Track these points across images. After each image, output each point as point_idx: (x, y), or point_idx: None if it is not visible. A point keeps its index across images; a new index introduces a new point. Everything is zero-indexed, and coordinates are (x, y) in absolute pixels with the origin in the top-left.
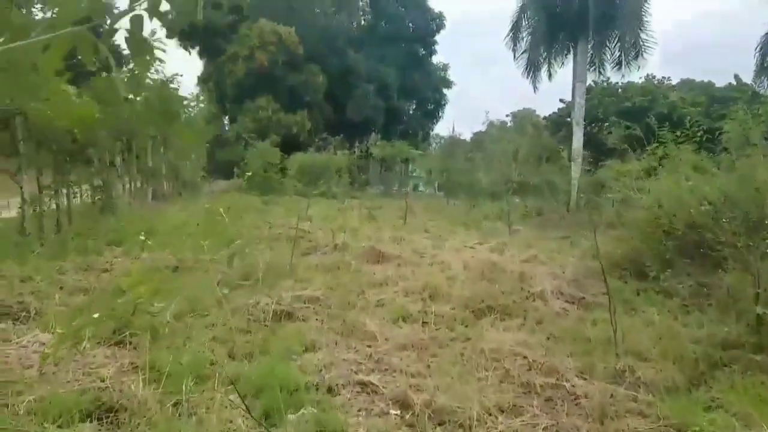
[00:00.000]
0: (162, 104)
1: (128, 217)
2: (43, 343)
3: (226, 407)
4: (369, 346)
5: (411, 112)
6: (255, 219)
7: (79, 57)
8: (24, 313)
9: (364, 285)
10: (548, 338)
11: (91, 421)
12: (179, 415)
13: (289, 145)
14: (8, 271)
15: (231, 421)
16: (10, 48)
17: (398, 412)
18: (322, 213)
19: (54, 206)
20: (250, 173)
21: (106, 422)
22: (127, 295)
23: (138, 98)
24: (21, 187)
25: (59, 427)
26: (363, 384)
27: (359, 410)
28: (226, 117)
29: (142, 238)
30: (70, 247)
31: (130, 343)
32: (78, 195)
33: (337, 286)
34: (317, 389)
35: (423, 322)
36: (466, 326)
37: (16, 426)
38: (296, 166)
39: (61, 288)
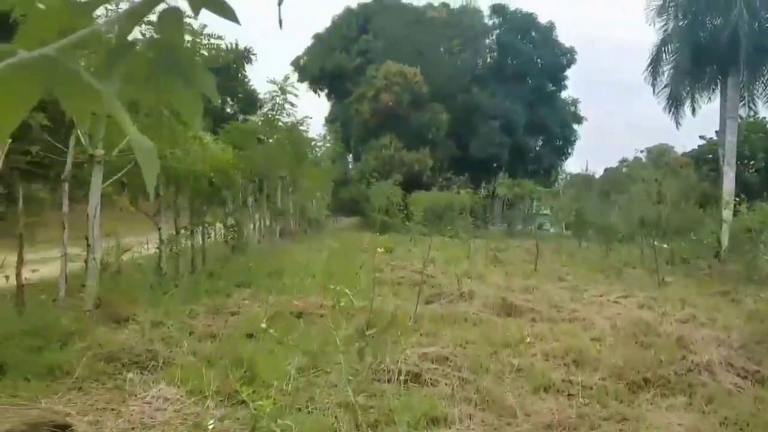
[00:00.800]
0: (292, 146)
1: (257, 256)
2: (168, 399)
3: None
4: (508, 424)
5: (538, 148)
6: (377, 260)
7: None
8: (152, 362)
9: (496, 344)
10: (723, 424)
11: None
12: None
13: (412, 183)
14: (142, 315)
15: None
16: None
17: None
18: (446, 255)
19: (189, 246)
20: (374, 212)
21: None
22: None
23: (270, 140)
24: (159, 228)
25: None
26: None
27: None
28: (351, 156)
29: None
30: (202, 289)
31: (253, 401)
32: (212, 235)
33: (466, 343)
34: None
35: (568, 395)
36: (621, 402)
37: None
38: (418, 205)
39: (190, 334)
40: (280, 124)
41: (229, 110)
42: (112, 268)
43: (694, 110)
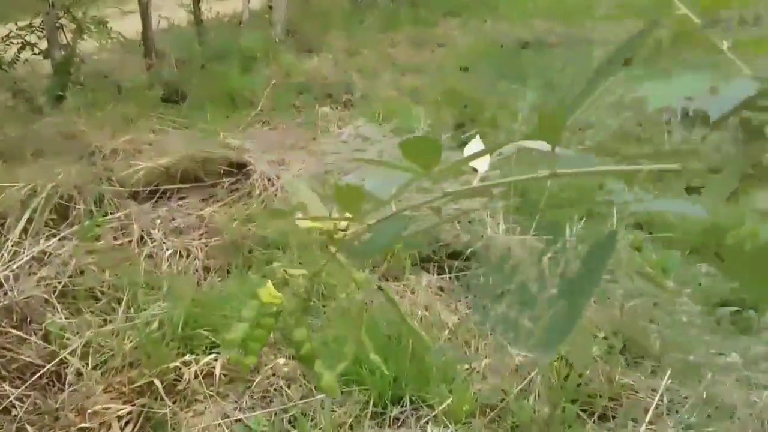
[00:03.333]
0: None
1: None
2: (368, 138)
3: None
4: None
5: None
6: None
7: None
8: (349, 96)
9: None
10: None
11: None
12: None
13: None
14: (336, 43)
15: None
16: None
17: None
18: None
19: None
20: None
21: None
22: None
23: None
24: None
25: None
26: None
27: None
28: None
29: None
30: (402, 17)
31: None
32: None
33: None
34: None
35: None
36: None
37: None
38: None
39: (392, 65)
40: None
41: None
42: None
43: None
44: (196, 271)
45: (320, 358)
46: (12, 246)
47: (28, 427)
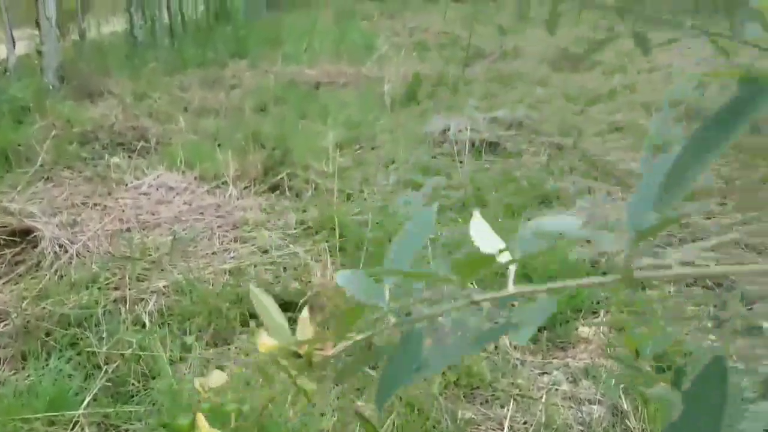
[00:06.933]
0: None
1: (246, 25)
2: (172, 188)
3: None
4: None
5: None
6: (391, 24)
7: None
8: (141, 143)
9: (578, 100)
10: None
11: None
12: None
13: None
14: (117, 87)
15: None
16: None
17: None
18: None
19: (164, 10)
20: None
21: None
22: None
23: None
24: None
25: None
26: None
27: None
28: None
29: None
30: (188, 59)
31: (290, 189)
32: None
33: (537, 103)
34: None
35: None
36: None
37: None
38: None
39: (185, 109)
40: None
41: None
42: (73, 35)
43: None
44: None
45: None
46: None
47: None
